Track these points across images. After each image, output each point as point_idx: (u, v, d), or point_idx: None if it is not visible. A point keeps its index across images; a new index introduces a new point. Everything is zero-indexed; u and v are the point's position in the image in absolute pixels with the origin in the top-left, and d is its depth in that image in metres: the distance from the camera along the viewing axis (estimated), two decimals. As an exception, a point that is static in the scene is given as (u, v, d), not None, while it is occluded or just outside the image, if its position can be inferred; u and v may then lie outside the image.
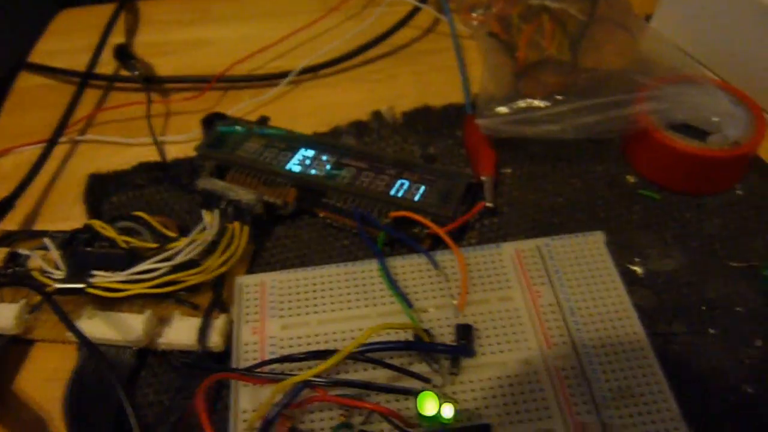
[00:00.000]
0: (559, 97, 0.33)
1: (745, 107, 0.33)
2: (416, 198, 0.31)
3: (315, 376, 0.23)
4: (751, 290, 0.29)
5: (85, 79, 0.41)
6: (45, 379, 0.28)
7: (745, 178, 0.34)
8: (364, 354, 0.24)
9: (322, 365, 0.22)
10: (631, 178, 0.34)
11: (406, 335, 0.26)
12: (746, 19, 0.37)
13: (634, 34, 0.40)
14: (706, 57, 0.40)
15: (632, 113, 0.33)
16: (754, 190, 0.33)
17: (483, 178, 0.33)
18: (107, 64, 0.43)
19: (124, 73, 0.42)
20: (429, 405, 0.22)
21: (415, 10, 0.44)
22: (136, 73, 0.40)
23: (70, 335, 0.27)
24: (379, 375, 0.25)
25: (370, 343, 0.24)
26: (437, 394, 0.22)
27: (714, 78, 0.39)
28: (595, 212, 0.33)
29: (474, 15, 0.42)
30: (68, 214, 0.34)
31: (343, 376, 0.25)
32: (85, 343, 0.25)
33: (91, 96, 0.42)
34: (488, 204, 0.32)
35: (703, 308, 0.29)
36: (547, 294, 0.28)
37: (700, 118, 0.33)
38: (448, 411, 0.22)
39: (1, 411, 0.27)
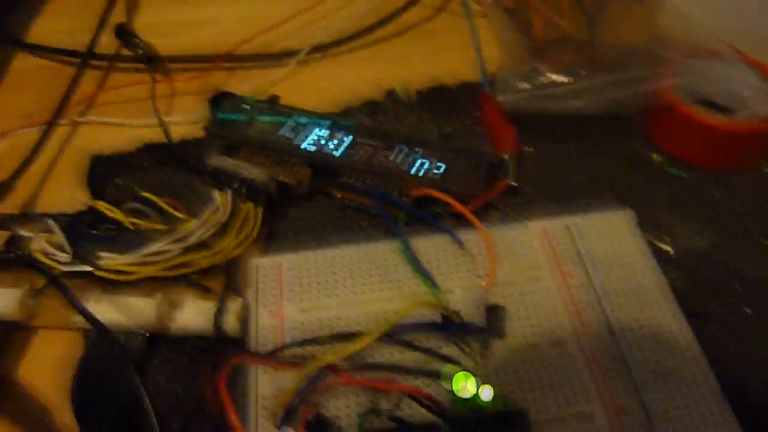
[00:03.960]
0: (582, 72, 0.32)
1: (773, 82, 0.32)
2: (437, 176, 0.30)
3: (342, 360, 0.21)
4: (787, 269, 0.28)
5: (85, 59, 0.40)
6: (50, 367, 0.26)
7: (773, 156, 0.33)
8: (394, 336, 0.23)
9: (352, 347, 0.21)
10: (655, 156, 0.33)
11: (433, 317, 0.25)
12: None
13: (652, 9, 0.38)
14: (726, 31, 0.39)
15: (657, 88, 0.32)
16: (784, 168, 0.32)
17: (505, 155, 0.31)
18: (108, 45, 0.41)
19: (126, 53, 0.40)
20: (466, 386, 0.20)
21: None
22: (140, 51, 0.39)
23: (76, 320, 0.26)
24: (405, 358, 0.24)
25: (399, 325, 0.23)
26: (473, 375, 0.21)
27: (738, 53, 0.37)
28: (620, 191, 0.31)
29: (488, -8, 0.41)
30: (70, 197, 0.33)
31: (368, 360, 0.23)
32: (95, 325, 0.24)
33: (91, 77, 0.40)
34: (512, 182, 0.30)
35: (738, 287, 0.27)
36: (578, 274, 0.26)
37: (727, 93, 0.32)
38: (487, 393, 0.21)
39: (4, 401, 0.25)
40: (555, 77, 0.33)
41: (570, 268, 0.27)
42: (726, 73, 0.32)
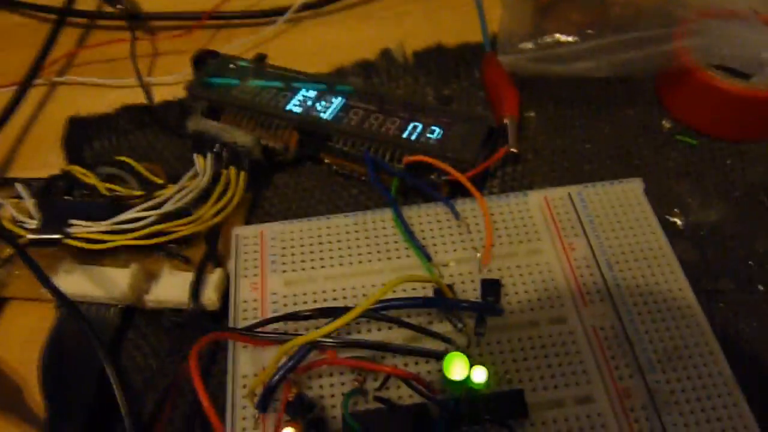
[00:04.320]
0: (590, 32, 0.30)
1: (793, 44, 0.30)
2: (432, 142, 0.28)
3: (325, 336, 0.20)
4: (804, 243, 0.26)
5: (63, 15, 0.38)
6: (21, 340, 0.25)
7: (790, 124, 0.31)
8: (380, 312, 0.21)
9: (334, 323, 0.19)
10: (666, 123, 0.31)
11: (425, 291, 0.23)
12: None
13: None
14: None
15: (671, 49, 0.30)
16: (802, 136, 0.30)
17: (506, 119, 0.29)
18: (88, 1, 0.39)
19: (107, 9, 0.38)
20: (458, 368, 0.19)
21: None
22: (121, 7, 0.37)
23: (46, 292, 0.24)
24: (395, 336, 0.22)
25: (387, 300, 0.21)
26: (465, 355, 0.19)
27: (757, 13, 0.35)
28: (628, 159, 0.30)
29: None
30: (45, 161, 0.31)
31: (354, 337, 0.22)
32: (61, 300, 0.22)
33: (70, 35, 0.38)
34: (512, 149, 0.29)
35: (751, 263, 0.26)
36: (581, 246, 0.25)
37: (744, 56, 0.30)
38: (480, 375, 0.19)
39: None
40: (561, 37, 0.31)
41: (572, 240, 0.25)
42: (743, 35, 0.30)
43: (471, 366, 0.19)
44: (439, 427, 0.19)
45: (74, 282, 0.24)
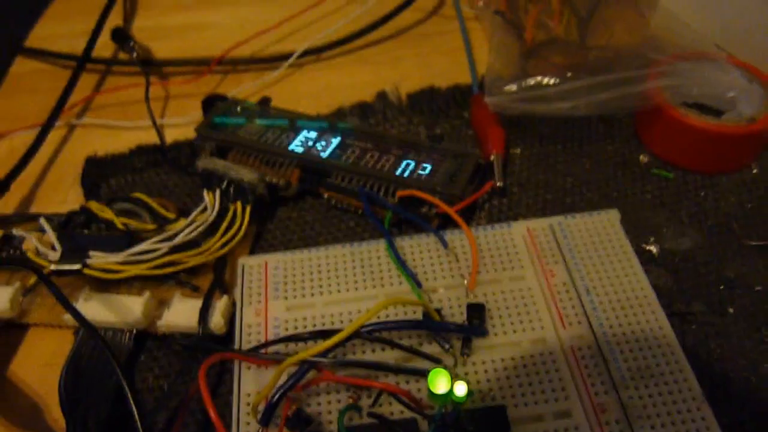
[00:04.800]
0: (569, 74, 0.32)
1: (759, 83, 0.32)
2: (423, 177, 0.30)
3: (320, 355, 0.22)
4: (771, 269, 0.28)
5: (82, 62, 0.40)
6: (41, 364, 0.27)
7: (760, 157, 0.33)
8: (372, 333, 0.23)
9: (327, 342, 0.21)
10: (643, 158, 0.33)
11: (415, 315, 0.25)
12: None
13: (645, 12, 0.39)
14: (717, 34, 0.39)
15: (645, 89, 0.32)
16: (771, 168, 0.32)
17: (492, 156, 0.32)
18: (105, 49, 0.42)
19: (122, 56, 0.41)
20: (441, 383, 0.21)
21: (419, -8, 0.43)
22: (134, 55, 0.39)
23: (66, 318, 0.26)
24: (388, 356, 0.24)
25: (379, 322, 0.23)
26: (449, 372, 0.21)
27: (727, 55, 0.38)
28: (607, 192, 0.32)
29: (480, -5, 0.41)
30: (64, 198, 0.34)
31: (349, 358, 0.24)
32: (81, 323, 0.24)
33: (88, 80, 0.41)
34: (498, 183, 0.31)
35: (722, 288, 0.28)
36: (561, 273, 0.27)
37: (714, 94, 0.32)
38: (461, 389, 0.21)
39: (-5, 397, 0.26)
40: (543, 79, 0.33)
41: (553, 267, 0.27)
42: (714, 75, 0.32)
43: (453, 382, 0.21)
44: (427, 439, 0.21)
45: (92, 308, 0.26)
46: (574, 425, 0.22)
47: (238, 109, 0.34)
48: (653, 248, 0.29)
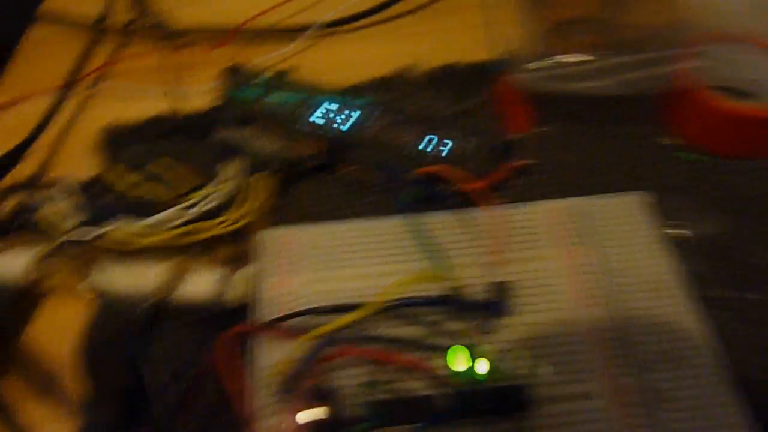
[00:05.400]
0: (599, 52, 0.32)
1: (793, 67, 0.32)
2: (445, 154, 0.29)
3: (342, 330, 0.21)
4: (801, 255, 0.27)
5: (99, 28, 0.40)
6: (59, 331, 0.27)
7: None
8: (396, 309, 0.23)
9: (350, 316, 0.21)
10: (670, 140, 0.32)
11: (438, 292, 0.25)
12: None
13: (675, -10, 0.38)
14: (747, 18, 0.38)
15: (675, 70, 0.31)
16: (800, 154, 0.32)
17: (517, 135, 0.31)
18: (123, 14, 0.41)
19: (141, 23, 0.40)
20: (460, 360, 0.20)
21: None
22: (155, 22, 0.39)
23: (83, 286, 0.26)
24: (407, 332, 0.24)
25: (401, 298, 0.23)
26: (471, 350, 0.21)
27: (758, 37, 0.37)
28: (632, 174, 0.31)
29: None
30: (81, 166, 0.33)
31: (370, 333, 0.24)
32: (99, 293, 0.24)
33: (105, 47, 0.40)
34: (522, 162, 0.30)
35: (750, 273, 0.27)
36: (585, 254, 0.26)
37: (746, 79, 0.32)
38: (482, 367, 0.21)
39: (12, 365, 0.26)
40: (571, 57, 0.33)
41: (579, 248, 0.26)
42: (746, 60, 0.32)
43: (474, 359, 0.21)
44: (447, 416, 0.21)
45: (111, 277, 0.26)
46: (595, 407, 0.22)
47: (259, 79, 0.34)
48: (678, 232, 0.29)
